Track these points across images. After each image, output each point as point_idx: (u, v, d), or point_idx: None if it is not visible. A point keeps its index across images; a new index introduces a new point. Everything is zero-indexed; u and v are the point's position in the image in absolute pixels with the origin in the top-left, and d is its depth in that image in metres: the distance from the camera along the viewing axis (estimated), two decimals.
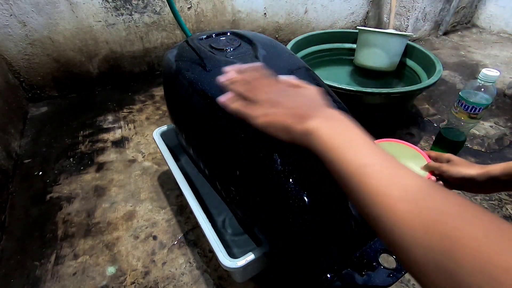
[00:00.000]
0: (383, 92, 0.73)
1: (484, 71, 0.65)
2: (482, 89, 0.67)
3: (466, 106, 0.68)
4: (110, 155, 0.82)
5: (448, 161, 0.53)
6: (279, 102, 0.35)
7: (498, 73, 0.64)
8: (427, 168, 0.57)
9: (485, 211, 0.20)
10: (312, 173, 0.37)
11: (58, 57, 1.02)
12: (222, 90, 0.43)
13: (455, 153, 0.78)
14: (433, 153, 0.58)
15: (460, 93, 0.70)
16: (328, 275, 0.37)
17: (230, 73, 0.40)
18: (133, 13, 1.05)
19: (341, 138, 0.29)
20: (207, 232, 0.44)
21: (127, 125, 0.94)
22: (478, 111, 0.68)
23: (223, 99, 0.38)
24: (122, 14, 1.04)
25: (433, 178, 0.60)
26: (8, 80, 0.94)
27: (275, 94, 0.36)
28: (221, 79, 0.39)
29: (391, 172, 0.25)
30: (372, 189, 0.24)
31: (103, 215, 0.66)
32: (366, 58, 1.00)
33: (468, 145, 0.85)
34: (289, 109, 0.34)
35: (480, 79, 0.66)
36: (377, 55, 0.96)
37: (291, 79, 0.40)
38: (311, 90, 0.38)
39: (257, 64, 0.41)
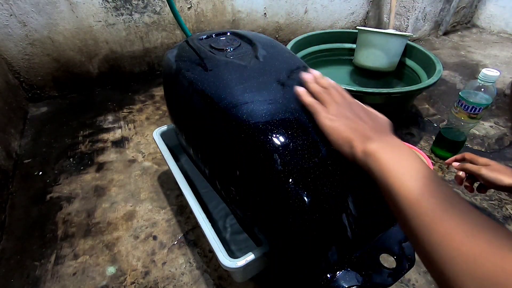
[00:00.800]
0: (383, 92, 0.73)
1: (484, 71, 0.65)
2: (482, 89, 0.66)
3: (466, 106, 0.68)
4: (110, 155, 0.82)
5: (486, 164, 0.53)
6: (349, 116, 0.36)
7: (498, 73, 0.64)
8: (462, 168, 0.57)
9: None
10: (312, 173, 0.37)
11: (58, 57, 1.02)
12: (222, 90, 0.44)
13: (455, 153, 0.78)
14: (468, 155, 0.58)
15: (460, 93, 0.70)
16: (328, 275, 0.37)
17: (311, 76, 0.42)
18: (133, 13, 1.05)
19: (401, 166, 0.28)
20: (207, 232, 0.44)
21: (127, 125, 0.94)
22: (478, 111, 0.68)
23: (301, 89, 0.40)
24: (122, 14, 1.04)
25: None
26: (8, 80, 0.94)
27: (348, 108, 0.38)
28: (304, 76, 0.42)
29: (453, 209, 0.24)
30: (426, 224, 0.24)
31: (103, 215, 0.66)
32: (366, 58, 1.00)
33: (468, 145, 0.85)
34: (357, 125, 0.35)
35: (480, 79, 0.66)
36: (376, 55, 0.96)
37: (364, 105, 0.41)
38: (382, 118, 0.39)
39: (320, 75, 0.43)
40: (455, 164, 0.59)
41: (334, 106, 0.37)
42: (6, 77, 0.94)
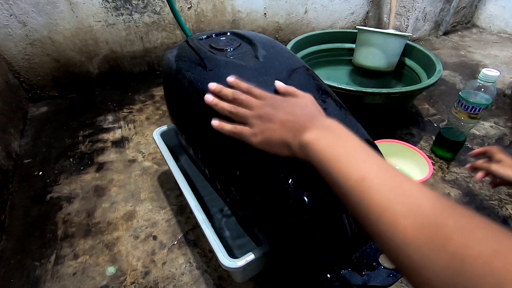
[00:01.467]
0: (383, 92, 0.73)
1: (484, 71, 0.65)
2: (482, 89, 0.66)
3: (466, 106, 0.68)
4: (110, 155, 0.82)
5: (499, 160, 0.53)
6: (272, 116, 0.33)
7: (498, 73, 0.64)
8: (474, 167, 0.58)
9: (497, 227, 0.19)
10: (312, 173, 0.37)
11: (58, 57, 1.02)
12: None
13: (455, 153, 0.78)
14: (480, 149, 0.59)
15: (460, 93, 0.70)
16: (328, 275, 0.37)
17: (210, 95, 0.39)
18: (133, 13, 1.05)
19: (340, 150, 0.27)
20: (207, 232, 0.44)
21: (127, 125, 0.94)
22: (478, 111, 0.68)
23: (215, 123, 0.37)
24: (122, 14, 1.04)
25: (427, 177, 0.60)
26: (8, 80, 0.94)
27: (269, 108, 0.34)
28: (207, 99, 0.39)
29: (393, 185, 0.23)
30: (374, 204, 0.23)
31: (103, 215, 0.66)
32: (365, 57, 1.00)
33: (468, 145, 0.85)
34: (284, 122, 0.32)
35: (480, 79, 0.66)
36: (375, 55, 0.96)
37: (281, 86, 0.38)
38: (305, 99, 0.36)
39: (232, 78, 0.40)
40: (468, 165, 0.61)
41: (254, 118, 0.34)
42: (6, 77, 0.94)
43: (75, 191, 0.72)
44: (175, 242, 0.60)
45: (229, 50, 0.51)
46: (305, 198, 0.35)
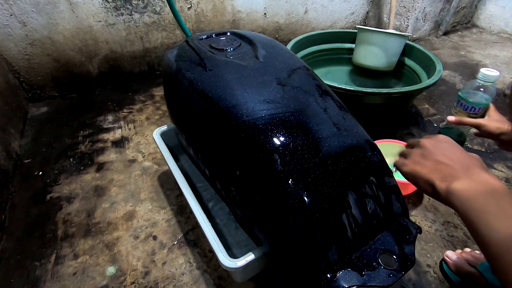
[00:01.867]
0: (383, 92, 0.73)
1: (483, 70, 0.64)
2: (482, 89, 0.66)
3: (466, 106, 0.68)
4: (110, 155, 0.82)
5: (485, 115, 0.57)
6: (429, 154, 0.35)
7: (498, 73, 0.64)
8: (459, 121, 0.61)
9: None
10: (312, 173, 0.37)
11: (58, 57, 1.02)
12: (222, 90, 0.44)
13: None
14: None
15: (459, 93, 0.70)
16: (328, 275, 0.37)
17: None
18: (133, 13, 1.05)
19: (489, 201, 0.28)
20: (207, 232, 0.44)
21: (127, 125, 0.94)
22: (478, 111, 0.67)
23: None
24: (122, 14, 1.04)
25: None
26: (8, 80, 0.94)
27: (432, 150, 0.36)
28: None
29: None
30: None
31: (103, 215, 0.66)
32: (364, 57, 1.00)
33: (468, 145, 0.85)
34: (437, 163, 0.34)
35: (479, 79, 0.66)
36: (375, 54, 0.96)
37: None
38: (472, 155, 0.35)
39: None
40: (451, 118, 0.63)
41: (416, 152, 0.37)
42: (6, 77, 0.94)
43: (75, 191, 0.72)
44: (175, 242, 0.60)
45: (229, 50, 0.51)
46: (305, 198, 0.35)
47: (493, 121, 0.56)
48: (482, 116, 0.69)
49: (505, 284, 0.25)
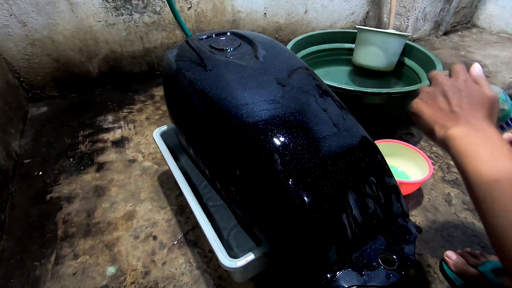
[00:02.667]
0: (383, 92, 0.73)
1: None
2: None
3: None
4: (110, 155, 0.82)
5: None
6: (439, 95, 0.35)
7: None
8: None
9: None
10: (312, 173, 0.37)
11: (58, 57, 1.02)
12: (222, 90, 0.44)
13: None
14: None
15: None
16: (328, 275, 0.37)
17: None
18: (133, 13, 1.05)
19: (479, 149, 0.29)
20: (207, 232, 0.44)
21: (127, 125, 0.94)
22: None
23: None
24: (122, 14, 1.04)
25: None
26: (8, 80, 0.94)
27: (442, 86, 0.35)
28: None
29: None
30: (504, 208, 0.24)
31: (103, 215, 0.66)
32: (364, 57, 0.99)
33: None
34: (441, 106, 0.34)
35: None
36: (375, 54, 0.96)
37: (475, 72, 0.37)
38: (484, 95, 0.34)
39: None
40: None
41: (427, 90, 0.36)
42: (6, 77, 0.94)
43: (75, 191, 0.72)
44: (175, 242, 0.60)
45: (229, 50, 0.51)
46: (305, 198, 0.35)
47: None
48: None
49: (489, 228, 0.26)
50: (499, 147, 0.29)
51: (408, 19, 1.41)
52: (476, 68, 0.38)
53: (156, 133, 0.63)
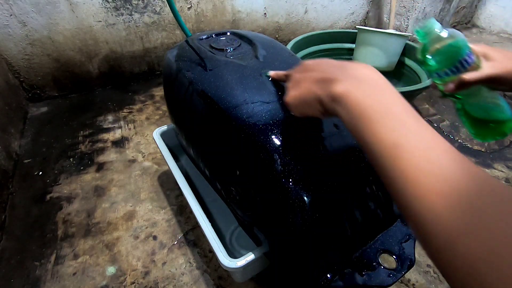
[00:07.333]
0: None
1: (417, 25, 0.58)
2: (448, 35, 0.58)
3: (446, 72, 0.62)
4: (110, 155, 0.82)
5: (484, 56, 0.40)
6: (306, 76, 0.31)
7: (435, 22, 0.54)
8: (458, 85, 0.41)
9: None
10: (312, 173, 0.37)
11: (58, 57, 1.02)
12: (222, 90, 0.44)
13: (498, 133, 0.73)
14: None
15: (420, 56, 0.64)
16: (328, 275, 0.37)
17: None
18: (133, 13, 1.05)
19: (373, 106, 0.24)
20: (207, 232, 0.44)
21: (127, 125, 0.94)
22: (467, 63, 0.59)
23: (272, 72, 0.42)
24: (122, 14, 1.04)
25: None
26: (8, 80, 0.94)
27: (314, 67, 0.31)
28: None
29: (428, 155, 0.21)
30: (405, 175, 0.21)
31: (103, 215, 0.66)
32: (364, 57, 1.00)
33: (468, 145, 0.85)
34: (316, 79, 0.29)
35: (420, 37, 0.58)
36: (375, 54, 0.96)
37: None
38: (354, 63, 0.30)
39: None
40: (450, 86, 0.44)
41: (292, 80, 0.33)
42: (6, 77, 0.94)
43: (75, 191, 0.72)
44: (175, 242, 0.60)
45: (229, 50, 0.51)
46: (305, 198, 0.35)
47: (505, 60, 0.39)
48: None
49: (394, 195, 0.22)
50: (391, 97, 0.25)
51: (408, 19, 1.41)
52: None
53: (156, 133, 0.63)
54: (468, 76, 0.39)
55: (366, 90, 0.25)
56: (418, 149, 0.21)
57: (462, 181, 0.19)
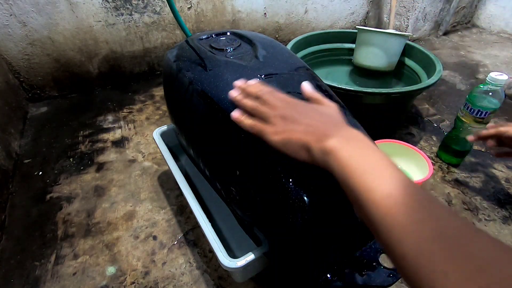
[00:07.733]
0: (383, 92, 0.73)
1: (492, 74, 0.62)
2: (490, 93, 0.65)
3: (472, 110, 0.67)
4: (110, 155, 0.82)
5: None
6: (295, 119, 0.33)
7: (507, 77, 0.61)
8: (477, 136, 0.58)
9: None
10: (312, 173, 0.37)
11: (58, 57, 1.02)
12: (222, 90, 0.43)
13: (462, 158, 0.77)
14: (491, 130, 0.59)
15: (467, 96, 0.68)
16: (328, 275, 0.37)
17: (237, 90, 0.39)
18: (133, 13, 1.05)
19: (364, 161, 0.27)
20: (207, 232, 0.44)
21: (127, 125, 0.94)
22: (485, 115, 0.66)
23: (236, 114, 0.37)
24: (122, 14, 1.04)
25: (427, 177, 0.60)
26: (8, 80, 0.94)
27: (292, 111, 0.34)
28: (231, 94, 0.39)
29: (420, 206, 0.23)
30: (398, 223, 0.23)
31: (103, 215, 0.66)
32: (365, 57, 0.99)
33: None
34: (307, 126, 0.32)
35: (488, 83, 0.64)
36: (375, 54, 0.96)
37: (307, 90, 0.38)
38: (331, 108, 0.35)
39: (254, 81, 0.40)
40: (471, 138, 0.62)
41: (277, 117, 0.34)
42: (6, 77, 0.94)
43: (75, 191, 0.72)
44: (175, 242, 0.60)
45: (229, 50, 0.51)
46: (305, 198, 0.35)
47: None
48: (487, 122, 0.67)
49: (388, 250, 0.24)
50: (379, 157, 0.28)
51: (408, 19, 1.41)
52: (306, 86, 0.38)
53: (156, 133, 0.63)
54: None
55: (356, 148, 0.29)
56: (409, 199, 0.24)
57: (453, 225, 0.22)
